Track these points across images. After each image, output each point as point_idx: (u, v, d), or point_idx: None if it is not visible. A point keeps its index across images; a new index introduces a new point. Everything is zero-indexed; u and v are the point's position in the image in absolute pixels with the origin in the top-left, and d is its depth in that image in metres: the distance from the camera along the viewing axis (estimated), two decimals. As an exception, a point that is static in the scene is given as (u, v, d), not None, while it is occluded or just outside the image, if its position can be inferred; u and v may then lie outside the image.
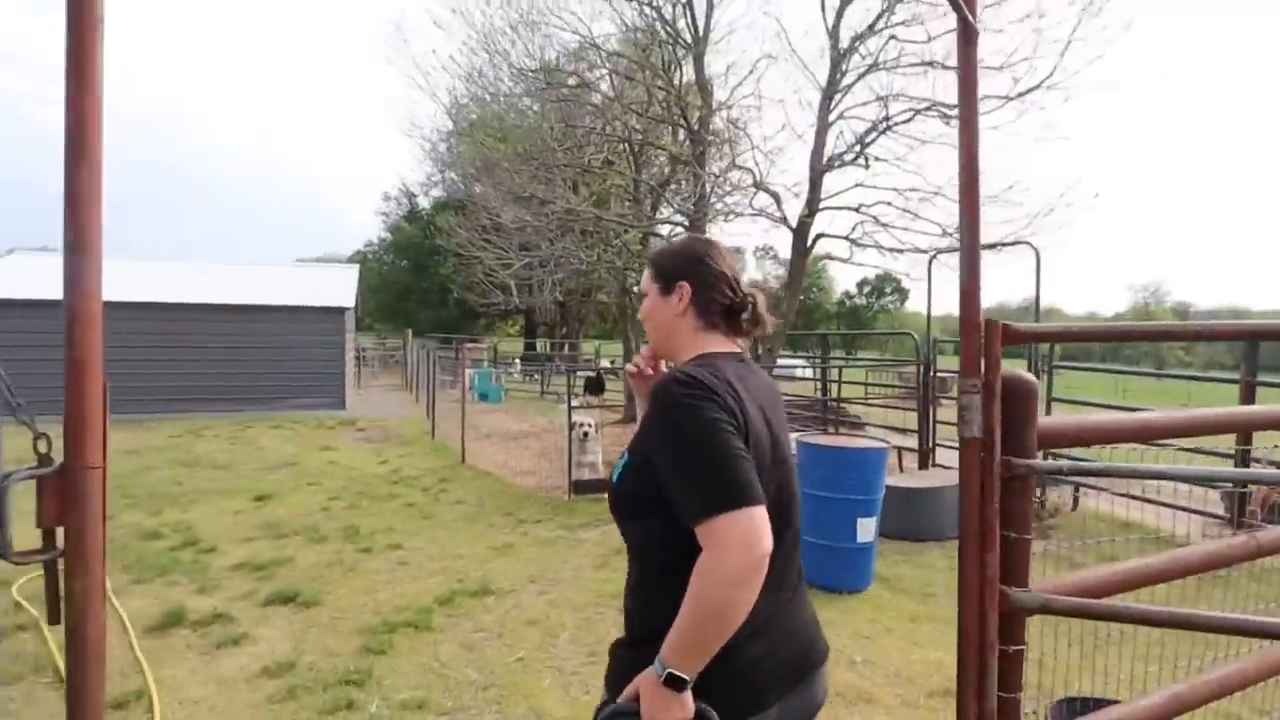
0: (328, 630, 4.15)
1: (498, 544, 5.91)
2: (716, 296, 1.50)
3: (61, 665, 3.54)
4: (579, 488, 7.58)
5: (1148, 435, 1.94)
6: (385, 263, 37.52)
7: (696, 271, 1.50)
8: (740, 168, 9.03)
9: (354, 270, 19.42)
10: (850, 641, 4.22)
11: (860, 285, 67.14)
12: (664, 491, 1.28)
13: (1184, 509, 6.62)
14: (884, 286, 65.17)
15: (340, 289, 16.77)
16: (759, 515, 1.20)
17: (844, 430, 10.79)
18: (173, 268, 17.07)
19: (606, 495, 1.50)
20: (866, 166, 8.88)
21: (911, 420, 9.85)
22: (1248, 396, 6.27)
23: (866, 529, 5.12)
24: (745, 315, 1.52)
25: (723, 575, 1.17)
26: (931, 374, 8.23)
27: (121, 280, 15.02)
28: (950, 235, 8.33)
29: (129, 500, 7.10)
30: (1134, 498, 6.97)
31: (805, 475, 5.32)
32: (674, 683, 1.22)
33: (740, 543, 1.17)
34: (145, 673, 3.52)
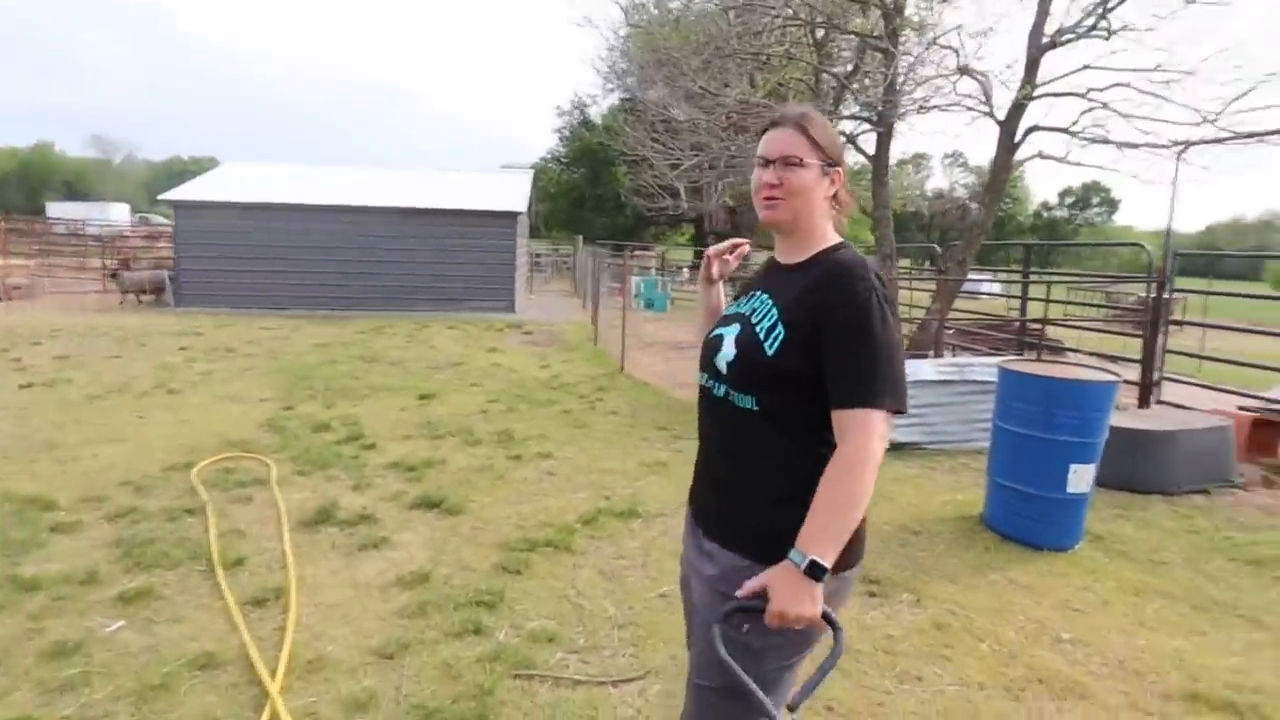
0: (467, 541, 4.02)
1: (649, 460, 5.59)
2: (844, 193, 1.56)
3: (216, 554, 3.65)
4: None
5: None
6: (562, 170, 37.96)
7: (844, 161, 1.55)
8: (943, 46, 7.68)
9: (528, 175, 19.57)
10: (1055, 613, 3.49)
11: (1062, 195, 59.29)
12: (822, 369, 1.37)
13: None
14: (1090, 196, 57.20)
15: (513, 194, 16.96)
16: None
17: (1046, 356, 9.41)
18: (369, 174, 18.06)
19: (734, 364, 1.46)
20: (1107, 37, 7.21)
21: (1128, 347, 8.36)
22: None
23: (1082, 477, 4.23)
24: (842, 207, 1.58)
25: (866, 461, 1.30)
26: (1168, 293, 6.76)
27: (316, 185, 16.07)
28: (1210, 123, 6.63)
29: (309, 391, 7.53)
30: None
31: (1005, 409, 4.47)
32: (815, 571, 1.27)
33: (883, 436, 1.32)
34: (289, 570, 3.55)
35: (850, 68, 9.28)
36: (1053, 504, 4.24)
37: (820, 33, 9.78)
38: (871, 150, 9.08)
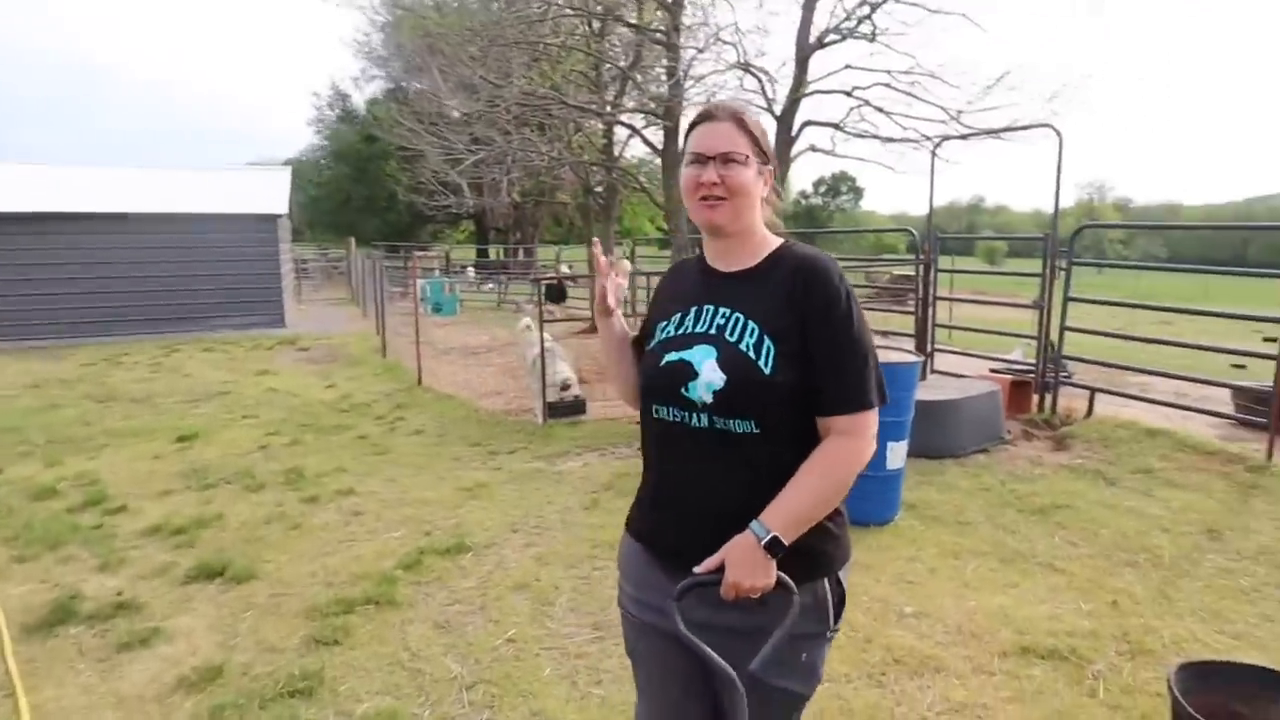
0: (266, 614, 3.35)
1: (468, 484, 5.12)
2: (775, 191, 1.52)
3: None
4: (555, 410, 6.79)
5: None
6: (323, 169, 34.96)
7: (772, 157, 1.51)
8: (725, 41, 7.90)
9: (285, 173, 17.66)
10: (894, 589, 3.59)
11: (816, 185, 66.00)
12: (813, 375, 1.35)
13: (1206, 412, 6.18)
14: (840, 186, 64.20)
15: (271, 194, 15.17)
16: None
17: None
18: (77, 173, 15.19)
19: (726, 390, 1.35)
20: (872, 38, 7.81)
21: (889, 323, 9.21)
22: None
23: (897, 454, 4.46)
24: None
25: (861, 461, 1.34)
26: (933, 273, 7.48)
27: (15, 189, 13.24)
28: (956, 121, 7.44)
29: (23, 448, 6.07)
30: (1150, 401, 6.49)
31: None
32: (775, 548, 1.29)
33: (873, 436, 1.37)
34: (17, 698, 2.69)
35: (630, 59, 9.29)
36: (875, 482, 4.41)
37: (599, 24, 9.70)
38: (660, 145, 9.17)
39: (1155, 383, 7.41)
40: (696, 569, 1.32)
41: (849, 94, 8.25)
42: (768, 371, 1.32)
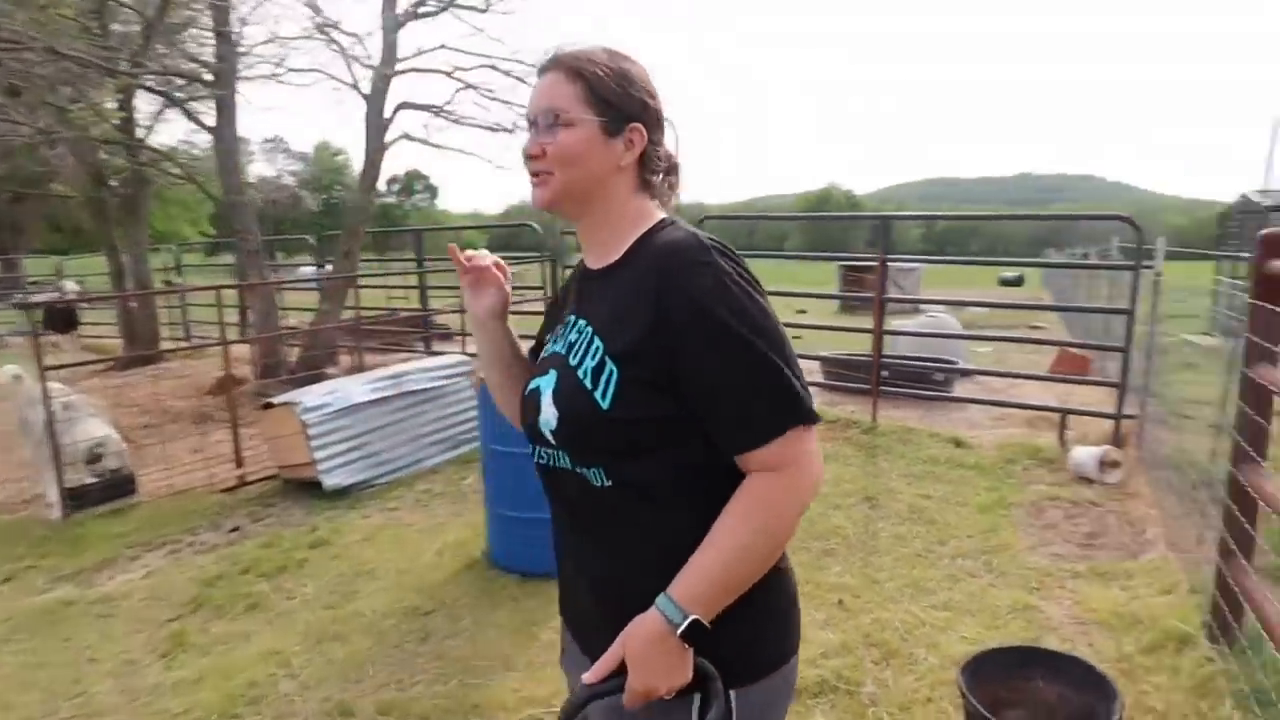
0: None
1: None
2: (662, 152, 1.14)
3: None
4: (82, 496, 4.60)
5: None
6: None
7: (650, 111, 1.12)
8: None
9: None
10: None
11: (390, 182, 63.19)
12: (693, 406, 1.01)
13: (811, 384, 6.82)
14: (413, 183, 62.44)
15: None
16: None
17: (439, 347, 9.16)
18: None
19: (559, 429, 1.06)
20: (485, 9, 6.96)
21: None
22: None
23: (592, 487, 3.76)
24: (673, 178, 1.18)
25: (800, 500, 1.01)
26: (561, 266, 7.03)
27: None
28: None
29: None
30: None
31: (494, 426, 3.69)
32: (694, 634, 0.99)
33: (816, 461, 1.02)
34: None
35: (157, 7, 6.92)
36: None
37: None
38: (213, 122, 7.05)
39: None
40: (586, 676, 1.02)
41: (450, 74, 7.32)
42: (606, 405, 1.01)
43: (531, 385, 1.15)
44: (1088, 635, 2.98)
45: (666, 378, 1.00)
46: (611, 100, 1.07)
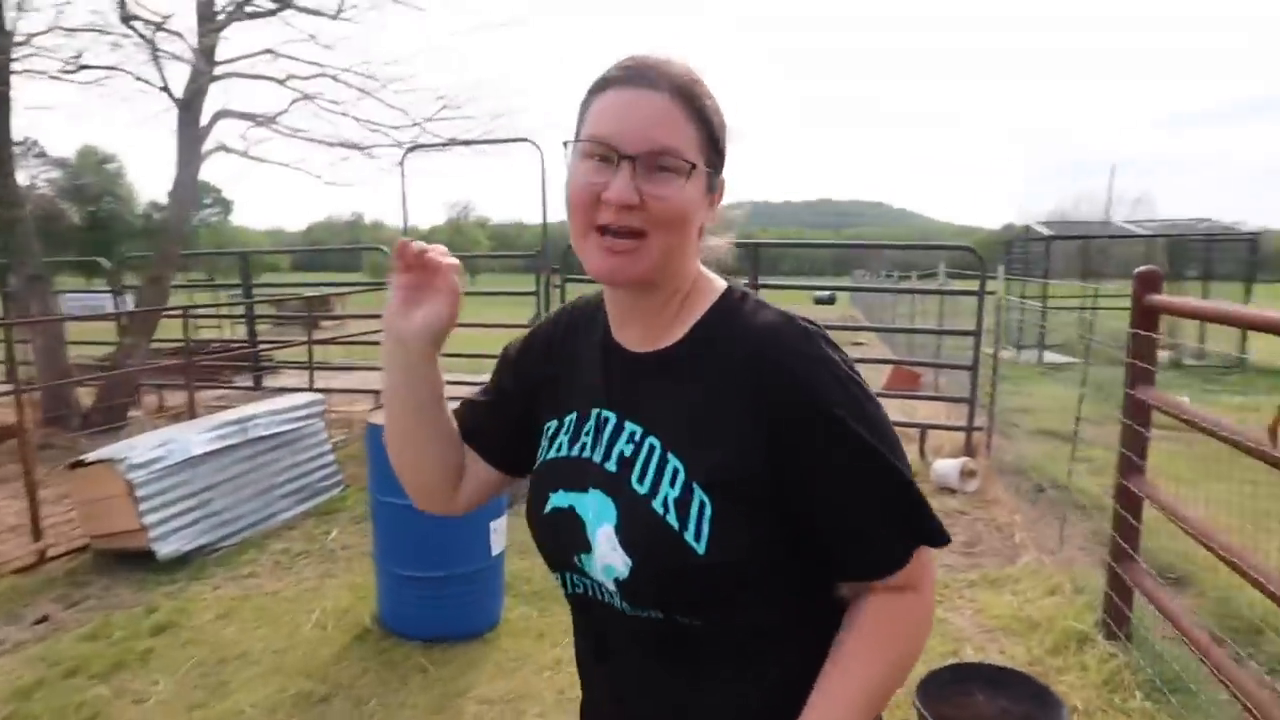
0: None
1: None
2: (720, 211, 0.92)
3: None
4: None
5: None
6: None
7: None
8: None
9: None
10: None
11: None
12: (804, 525, 0.82)
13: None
14: (202, 196, 56.50)
15: None
16: None
17: (269, 385, 8.26)
18: None
19: (633, 579, 0.83)
20: (335, 15, 6.34)
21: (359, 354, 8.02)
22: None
23: (500, 533, 3.48)
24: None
25: (930, 622, 0.89)
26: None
27: None
28: (422, 128, 6.67)
29: None
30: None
31: (385, 476, 3.31)
32: None
33: (934, 580, 0.89)
34: None
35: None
36: (476, 577, 3.36)
37: None
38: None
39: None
40: None
41: (283, 81, 6.63)
42: (701, 549, 0.79)
43: (561, 501, 0.90)
44: (997, 642, 3.17)
45: (772, 501, 0.81)
46: (720, 148, 0.86)
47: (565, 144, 0.85)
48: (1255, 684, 2.21)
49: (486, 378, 1.09)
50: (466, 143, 6.53)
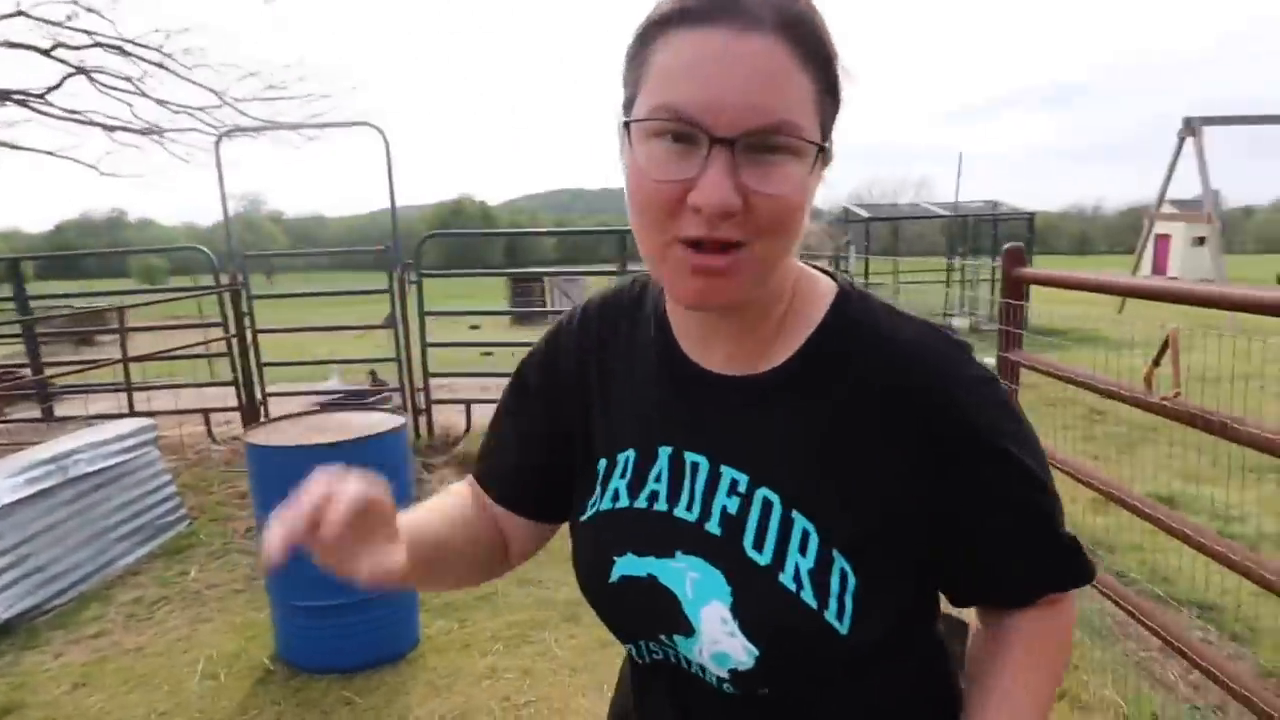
0: None
1: None
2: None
3: None
4: None
5: None
6: None
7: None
8: None
9: None
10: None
11: None
12: (944, 560, 0.70)
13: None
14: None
15: None
16: None
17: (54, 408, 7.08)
18: None
19: (763, 665, 0.66)
20: None
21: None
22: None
23: (413, 550, 3.26)
24: None
25: (1071, 639, 0.79)
26: (248, 297, 5.90)
27: None
28: (244, 112, 5.97)
29: None
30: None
31: (264, 498, 3.01)
32: None
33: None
34: None
35: None
36: (387, 598, 3.15)
37: None
38: None
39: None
40: None
41: (48, 53, 5.61)
42: (844, 630, 0.65)
43: (635, 571, 0.72)
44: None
45: (926, 553, 0.69)
46: (839, 99, 0.64)
47: (624, 124, 0.61)
48: (1113, 580, 2.62)
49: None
50: (294, 127, 5.93)
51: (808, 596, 0.64)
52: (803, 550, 0.65)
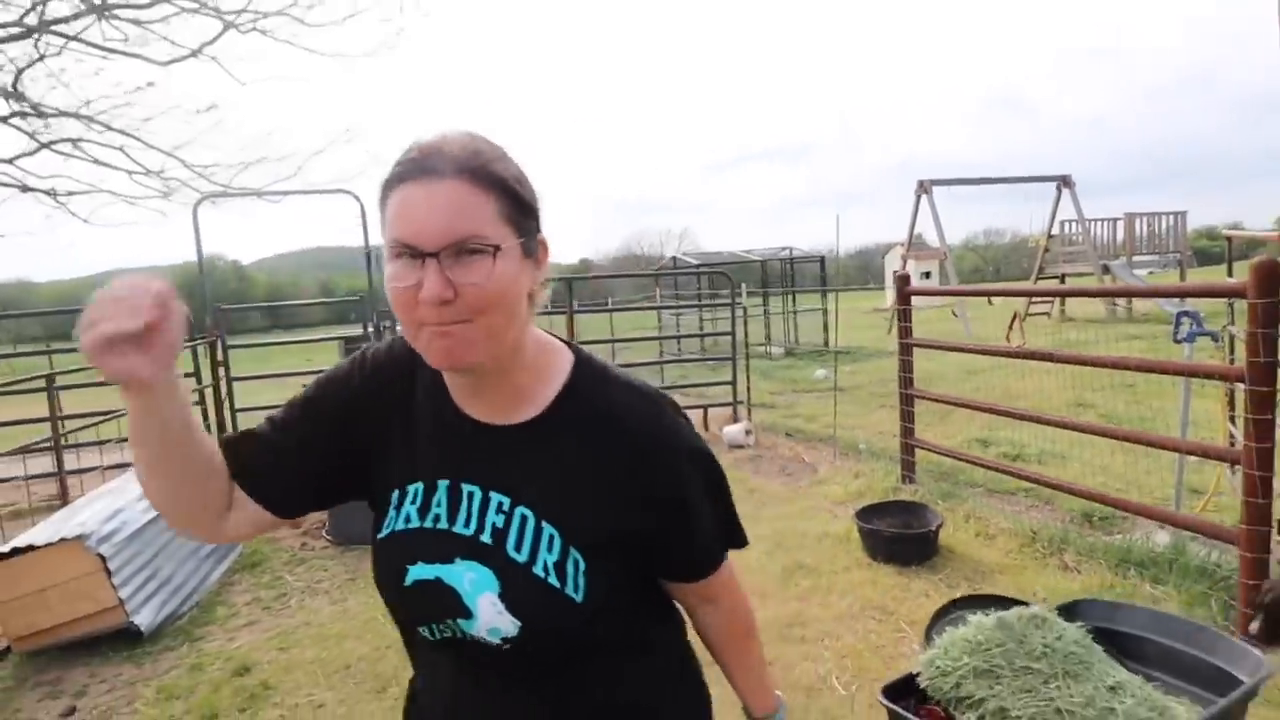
0: None
1: None
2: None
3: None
4: None
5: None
6: None
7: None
8: None
9: None
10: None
11: None
12: (651, 557, 0.98)
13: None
14: None
15: None
16: None
17: None
18: None
19: (523, 637, 0.90)
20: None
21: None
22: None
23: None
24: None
25: (749, 603, 1.13)
26: (222, 352, 6.32)
27: None
28: (208, 178, 6.39)
29: None
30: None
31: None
32: None
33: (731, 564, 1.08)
34: None
35: None
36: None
37: None
38: None
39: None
40: None
41: (5, 120, 5.71)
42: (579, 598, 0.90)
43: (424, 574, 0.92)
44: (844, 505, 5.06)
45: (637, 550, 0.96)
46: (527, 210, 0.86)
47: (372, 250, 1.25)
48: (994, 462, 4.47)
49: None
50: (279, 194, 6.44)
51: (554, 580, 0.89)
52: (550, 549, 0.90)
